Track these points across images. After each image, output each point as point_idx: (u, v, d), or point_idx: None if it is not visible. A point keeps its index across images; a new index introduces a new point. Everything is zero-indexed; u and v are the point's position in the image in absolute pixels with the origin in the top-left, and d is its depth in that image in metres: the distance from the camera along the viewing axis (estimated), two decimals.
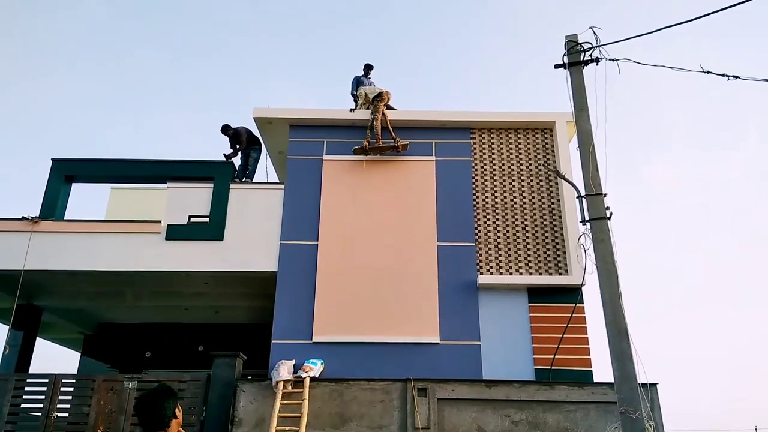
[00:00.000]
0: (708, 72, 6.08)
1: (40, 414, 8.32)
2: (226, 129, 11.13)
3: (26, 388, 8.70)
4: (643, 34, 6.24)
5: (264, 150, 11.34)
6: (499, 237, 9.91)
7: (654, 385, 8.12)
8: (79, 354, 13.42)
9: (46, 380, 8.53)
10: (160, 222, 9.88)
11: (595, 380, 8.76)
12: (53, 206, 10.14)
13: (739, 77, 6.03)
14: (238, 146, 10.92)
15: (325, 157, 10.39)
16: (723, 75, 6.09)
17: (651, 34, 6.18)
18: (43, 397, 8.41)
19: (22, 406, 8.61)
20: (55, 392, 8.41)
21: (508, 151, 10.58)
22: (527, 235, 9.93)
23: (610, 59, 6.34)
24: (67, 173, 10.52)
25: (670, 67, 6.25)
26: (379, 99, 10.35)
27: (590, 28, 6.39)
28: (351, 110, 10.64)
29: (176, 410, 2.82)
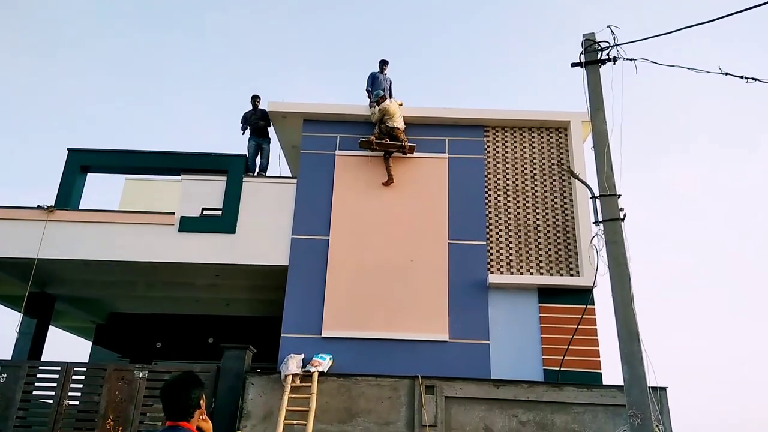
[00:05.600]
0: (727, 74, 6.00)
1: (51, 401, 8.43)
2: (254, 98, 11.09)
3: (38, 376, 8.80)
4: (660, 34, 6.16)
5: (276, 143, 11.37)
6: (510, 236, 9.86)
7: (664, 389, 8.05)
8: (90, 343, 13.59)
9: (59, 368, 8.63)
10: (173, 214, 9.95)
11: (604, 382, 8.71)
12: (68, 196, 10.24)
13: (758, 80, 5.95)
14: (260, 122, 10.87)
15: (338, 152, 10.40)
16: (742, 77, 6.00)
17: (670, 35, 6.11)
18: (54, 384, 8.51)
19: (34, 393, 8.72)
20: (67, 380, 8.51)
21: (521, 150, 10.52)
22: (539, 234, 9.87)
23: (627, 59, 6.27)
24: (82, 163, 10.61)
25: (688, 68, 6.18)
26: (387, 114, 10.03)
27: (608, 26, 6.33)
28: (370, 105, 10.40)
29: (201, 400, 2.80)
